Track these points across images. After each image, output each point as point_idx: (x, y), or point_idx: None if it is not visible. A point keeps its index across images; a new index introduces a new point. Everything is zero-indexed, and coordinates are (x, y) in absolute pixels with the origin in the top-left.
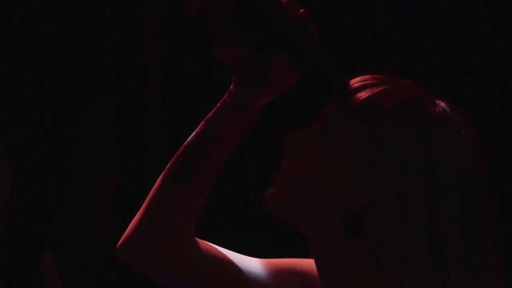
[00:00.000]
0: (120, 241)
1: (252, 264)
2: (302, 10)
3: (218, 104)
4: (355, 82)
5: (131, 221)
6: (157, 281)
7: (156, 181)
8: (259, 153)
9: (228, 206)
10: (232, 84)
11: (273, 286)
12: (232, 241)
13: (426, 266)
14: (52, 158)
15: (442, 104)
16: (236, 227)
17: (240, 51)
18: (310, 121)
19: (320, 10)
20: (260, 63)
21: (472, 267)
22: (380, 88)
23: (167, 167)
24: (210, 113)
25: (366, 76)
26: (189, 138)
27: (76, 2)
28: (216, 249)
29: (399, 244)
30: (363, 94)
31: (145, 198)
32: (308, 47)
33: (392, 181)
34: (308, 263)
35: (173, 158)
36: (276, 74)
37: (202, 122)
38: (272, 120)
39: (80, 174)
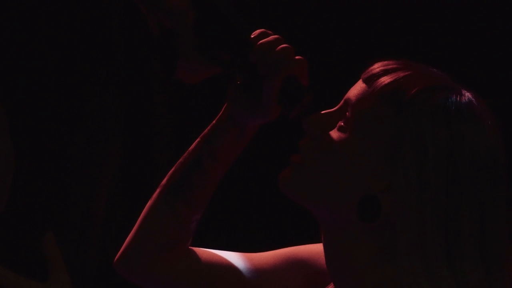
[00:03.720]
0: (117, 256)
1: (252, 262)
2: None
3: (214, 121)
4: (377, 66)
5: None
6: None
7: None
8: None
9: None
10: (226, 102)
11: (274, 280)
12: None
13: (439, 257)
14: (56, 141)
15: (468, 94)
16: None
17: (204, 70)
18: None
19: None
20: (251, 86)
21: (486, 259)
22: (405, 73)
23: (164, 182)
24: (206, 130)
25: (387, 61)
26: (185, 154)
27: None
28: (214, 255)
29: (415, 231)
30: (387, 79)
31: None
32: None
33: (413, 166)
34: (309, 250)
35: (169, 173)
36: (267, 99)
37: (198, 139)
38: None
39: (84, 156)
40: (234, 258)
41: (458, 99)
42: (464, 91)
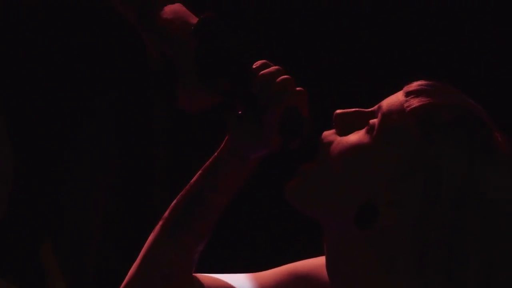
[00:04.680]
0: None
1: (253, 282)
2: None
3: (216, 153)
4: (419, 84)
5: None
6: None
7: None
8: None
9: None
10: (228, 135)
11: None
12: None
13: (439, 284)
14: (54, 151)
15: (499, 136)
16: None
17: (204, 99)
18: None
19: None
20: (252, 117)
21: None
22: (444, 100)
23: (166, 215)
24: (208, 162)
25: (431, 82)
26: (187, 186)
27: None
28: (215, 280)
29: (414, 254)
30: (424, 100)
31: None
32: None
33: (423, 194)
34: (310, 264)
35: (171, 205)
36: (268, 130)
37: (200, 171)
38: None
39: (81, 166)
40: (236, 280)
41: (487, 140)
42: (495, 133)
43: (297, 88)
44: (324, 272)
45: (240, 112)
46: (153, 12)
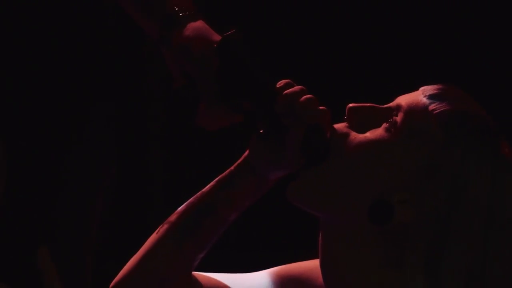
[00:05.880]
0: (117, 280)
1: (245, 283)
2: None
3: (232, 167)
4: (435, 89)
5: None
6: None
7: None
8: None
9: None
10: (248, 152)
11: None
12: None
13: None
14: (51, 153)
15: (508, 148)
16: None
17: (225, 117)
18: None
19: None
20: (274, 136)
21: None
22: (464, 107)
23: (173, 219)
24: (224, 174)
25: (442, 85)
26: (198, 195)
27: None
28: (211, 279)
29: (427, 254)
30: (446, 105)
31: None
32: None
33: (446, 199)
34: (301, 266)
35: (180, 210)
36: (291, 149)
37: (214, 182)
38: None
39: (78, 169)
40: (229, 280)
41: (502, 148)
42: (505, 143)
43: (321, 107)
44: (316, 274)
45: (261, 131)
46: (175, 29)
